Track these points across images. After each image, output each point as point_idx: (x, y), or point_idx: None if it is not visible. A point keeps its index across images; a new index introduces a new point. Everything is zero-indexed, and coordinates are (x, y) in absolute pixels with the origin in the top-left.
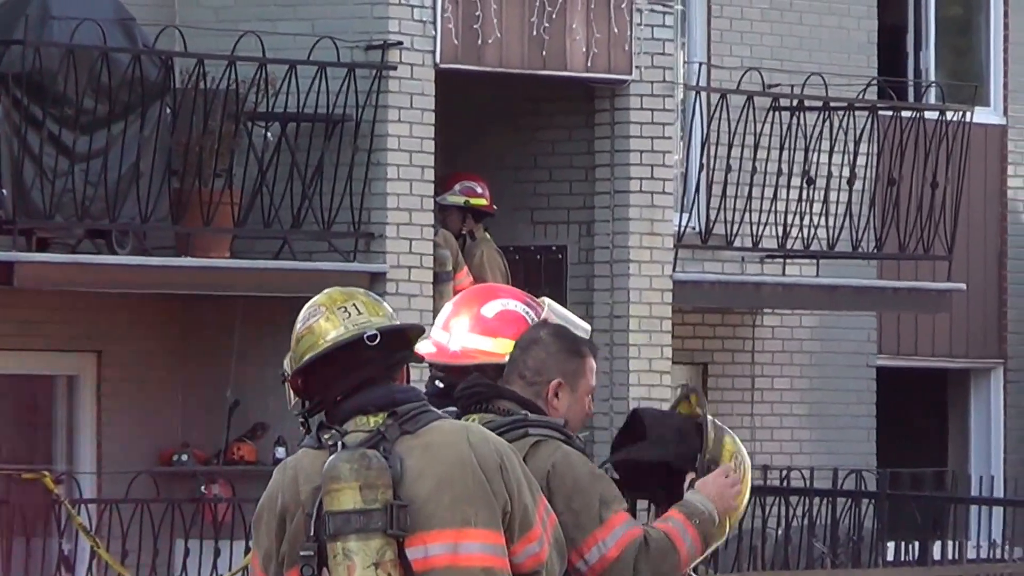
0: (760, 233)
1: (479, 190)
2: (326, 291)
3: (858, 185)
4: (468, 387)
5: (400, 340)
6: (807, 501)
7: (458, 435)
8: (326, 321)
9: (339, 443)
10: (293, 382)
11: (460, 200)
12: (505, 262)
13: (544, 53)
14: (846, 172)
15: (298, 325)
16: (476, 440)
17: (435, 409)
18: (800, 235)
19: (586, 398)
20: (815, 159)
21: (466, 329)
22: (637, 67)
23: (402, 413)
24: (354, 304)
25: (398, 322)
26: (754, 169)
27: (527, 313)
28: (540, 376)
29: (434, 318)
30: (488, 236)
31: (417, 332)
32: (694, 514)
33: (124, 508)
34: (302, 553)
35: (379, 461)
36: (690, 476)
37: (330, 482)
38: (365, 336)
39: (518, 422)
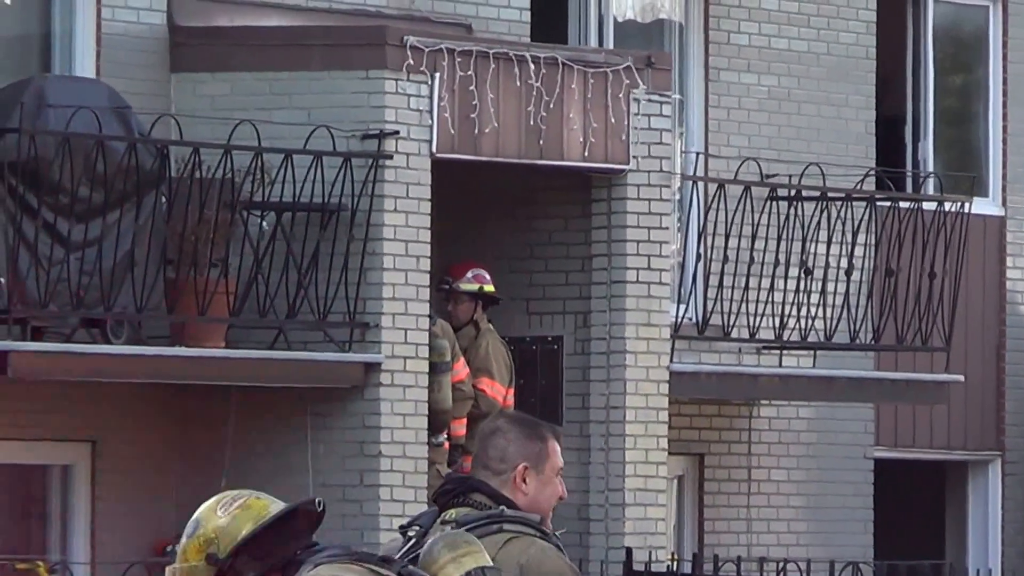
0: (757, 324)
1: (488, 277)
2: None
3: (856, 276)
4: (442, 485)
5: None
6: None
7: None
8: None
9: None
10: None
11: (474, 287)
12: (509, 354)
13: (541, 143)
14: (844, 263)
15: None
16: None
17: None
18: (797, 326)
19: (555, 479)
20: (812, 249)
21: None
22: (634, 157)
23: None
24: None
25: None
26: (751, 259)
27: None
28: (504, 463)
29: (432, 408)
30: (492, 327)
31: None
32: None
33: None
34: None
35: None
36: None
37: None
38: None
39: (493, 517)
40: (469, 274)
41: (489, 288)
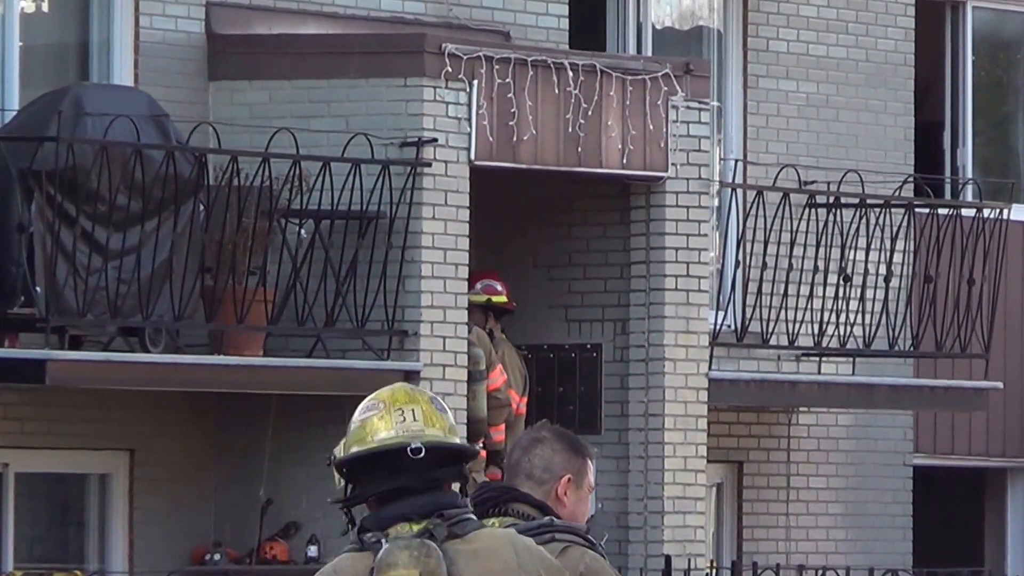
0: (796, 331)
1: (499, 288)
2: (395, 385)
3: (894, 283)
4: (480, 492)
5: (448, 456)
6: None
7: (505, 543)
8: (380, 420)
9: (382, 541)
10: (339, 469)
11: (482, 299)
12: (523, 362)
13: (579, 150)
14: (882, 269)
15: (356, 414)
16: (520, 549)
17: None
18: (836, 333)
19: (588, 497)
20: (851, 256)
21: None
22: (673, 164)
23: (449, 516)
24: (413, 409)
25: (453, 440)
26: (790, 266)
27: None
28: (548, 473)
29: (468, 417)
30: (505, 336)
31: (470, 455)
32: None
33: None
34: None
35: (438, 552)
36: None
37: (387, 569)
38: (409, 448)
39: (544, 527)
40: (478, 285)
41: (499, 299)
